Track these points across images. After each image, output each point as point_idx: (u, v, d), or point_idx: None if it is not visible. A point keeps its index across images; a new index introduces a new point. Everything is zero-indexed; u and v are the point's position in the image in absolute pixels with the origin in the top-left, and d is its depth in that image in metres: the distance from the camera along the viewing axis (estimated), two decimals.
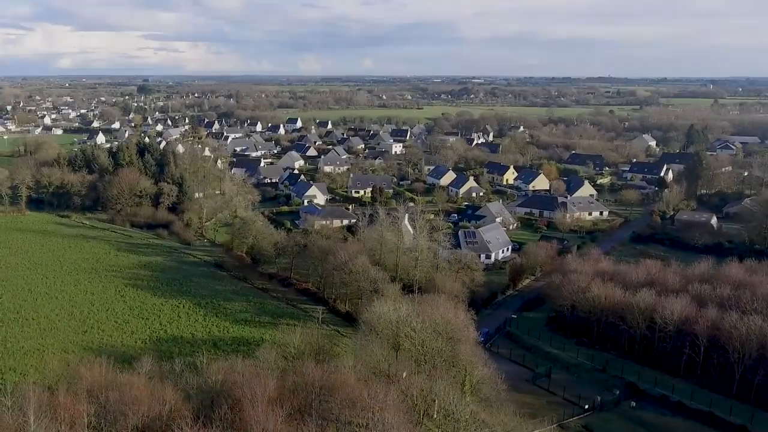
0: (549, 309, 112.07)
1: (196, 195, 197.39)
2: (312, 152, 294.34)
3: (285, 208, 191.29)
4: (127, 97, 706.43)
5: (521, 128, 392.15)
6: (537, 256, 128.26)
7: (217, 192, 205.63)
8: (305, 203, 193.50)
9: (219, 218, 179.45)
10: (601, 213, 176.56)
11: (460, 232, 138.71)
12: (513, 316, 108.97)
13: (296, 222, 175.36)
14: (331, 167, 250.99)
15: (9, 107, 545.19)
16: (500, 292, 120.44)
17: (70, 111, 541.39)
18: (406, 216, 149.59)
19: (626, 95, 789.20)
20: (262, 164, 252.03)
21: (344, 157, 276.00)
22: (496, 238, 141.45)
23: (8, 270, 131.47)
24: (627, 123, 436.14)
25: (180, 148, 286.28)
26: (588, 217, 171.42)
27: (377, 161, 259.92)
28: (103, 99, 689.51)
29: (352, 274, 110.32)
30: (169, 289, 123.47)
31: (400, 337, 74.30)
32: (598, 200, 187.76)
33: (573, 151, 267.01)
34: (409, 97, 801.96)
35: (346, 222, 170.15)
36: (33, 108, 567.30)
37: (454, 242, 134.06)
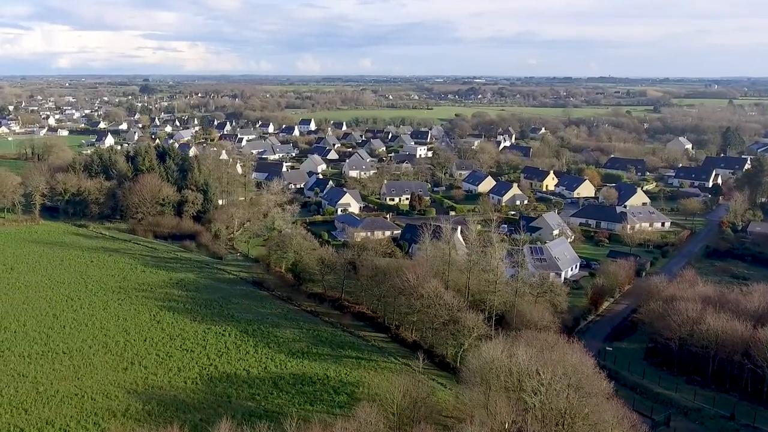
0: (644, 339, 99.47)
1: (220, 202, 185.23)
2: (333, 155, 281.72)
3: (319, 218, 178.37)
4: (130, 97, 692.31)
5: (542, 129, 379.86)
6: (617, 276, 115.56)
7: (241, 198, 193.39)
8: (339, 212, 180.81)
9: (247, 228, 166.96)
10: (663, 224, 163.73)
11: (525, 247, 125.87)
12: (608, 348, 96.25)
13: (333, 233, 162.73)
14: (357, 172, 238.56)
15: (11, 107, 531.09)
16: (581, 317, 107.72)
17: (74, 111, 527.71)
18: (459, 229, 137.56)
19: (637, 95, 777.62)
20: (284, 169, 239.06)
21: (368, 160, 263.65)
22: (564, 254, 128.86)
23: (29, 290, 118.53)
24: (647, 124, 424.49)
25: (194, 151, 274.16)
26: (649, 229, 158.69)
27: (404, 165, 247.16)
28: (105, 99, 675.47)
29: (422, 299, 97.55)
30: (209, 313, 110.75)
31: (524, 392, 61.48)
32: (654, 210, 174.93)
33: (612, 155, 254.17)
34: (416, 98, 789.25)
35: (388, 233, 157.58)
36: (35, 108, 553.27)
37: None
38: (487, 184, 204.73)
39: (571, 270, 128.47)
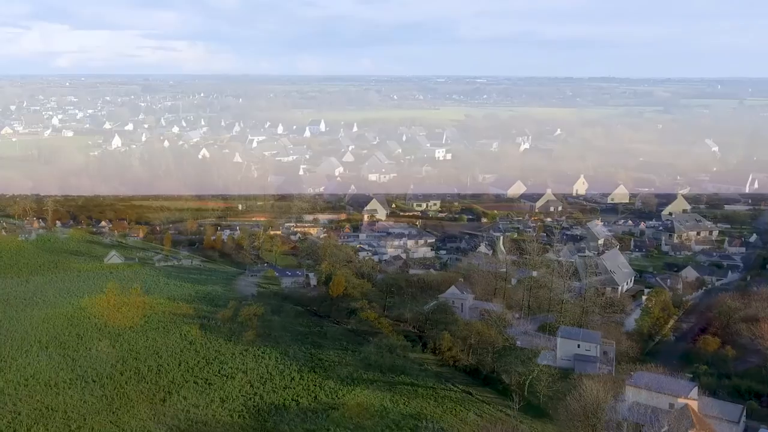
0: (725, 363, 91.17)
1: (240, 207, 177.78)
2: (349, 158, 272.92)
3: (345, 224, 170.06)
4: (132, 97, 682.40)
5: (558, 131, 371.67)
6: (681, 292, 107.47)
7: (260, 203, 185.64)
8: (365, 218, 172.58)
9: (272, 236, 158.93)
10: (710, 232, 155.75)
11: (578, 260, 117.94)
12: (688, 375, 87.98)
13: (361, 241, 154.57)
14: (376, 175, 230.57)
15: (13, 107, 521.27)
16: (649, 338, 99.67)
17: (77, 111, 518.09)
18: (501, 237, 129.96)
19: (644, 95, 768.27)
20: (301, 172, 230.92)
21: (386, 162, 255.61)
22: (619, 266, 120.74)
23: (47, 306, 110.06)
24: (661, 125, 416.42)
25: (205, 153, 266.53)
26: (698, 237, 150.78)
27: (425, 168, 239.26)
28: (108, 98, 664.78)
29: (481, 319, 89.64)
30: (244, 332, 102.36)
31: None
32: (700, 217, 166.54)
33: (640, 158, 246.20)
34: (421, 98, 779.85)
35: (421, 242, 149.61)
36: (38, 108, 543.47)
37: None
38: (517, 189, 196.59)
39: (627, 284, 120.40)
